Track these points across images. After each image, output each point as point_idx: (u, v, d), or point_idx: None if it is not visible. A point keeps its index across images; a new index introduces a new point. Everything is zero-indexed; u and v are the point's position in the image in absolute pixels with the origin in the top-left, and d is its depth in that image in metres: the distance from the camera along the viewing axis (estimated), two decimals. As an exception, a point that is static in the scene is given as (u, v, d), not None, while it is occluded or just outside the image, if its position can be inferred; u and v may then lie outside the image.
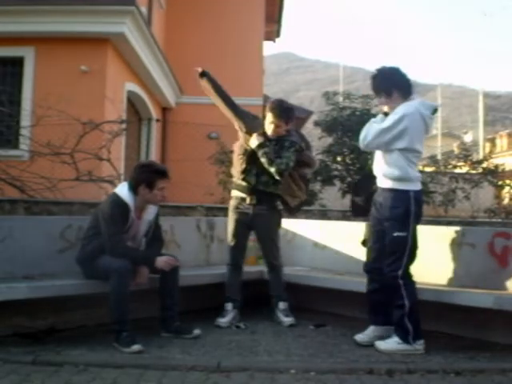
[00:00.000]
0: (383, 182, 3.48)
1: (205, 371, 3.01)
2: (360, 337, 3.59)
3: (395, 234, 3.38)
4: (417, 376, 3.02)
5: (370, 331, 3.60)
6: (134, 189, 3.68)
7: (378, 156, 3.55)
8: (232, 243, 4.23)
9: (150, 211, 3.83)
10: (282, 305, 4.18)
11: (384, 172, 3.45)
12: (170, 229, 4.50)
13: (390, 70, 3.50)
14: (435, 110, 3.45)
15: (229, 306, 4.17)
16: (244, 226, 4.19)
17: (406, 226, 3.37)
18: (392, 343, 3.42)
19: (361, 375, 3.02)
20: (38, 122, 6.49)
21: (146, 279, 3.69)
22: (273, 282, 4.25)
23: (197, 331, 3.77)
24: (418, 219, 3.49)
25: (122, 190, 3.72)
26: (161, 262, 3.64)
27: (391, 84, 3.42)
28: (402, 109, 3.34)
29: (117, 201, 3.65)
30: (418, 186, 3.43)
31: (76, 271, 3.82)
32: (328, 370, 3.09)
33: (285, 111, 4.09)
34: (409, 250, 3.41)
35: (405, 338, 3.37)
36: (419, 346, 3.40)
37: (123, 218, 3.64)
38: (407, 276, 3.46)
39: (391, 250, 3.43)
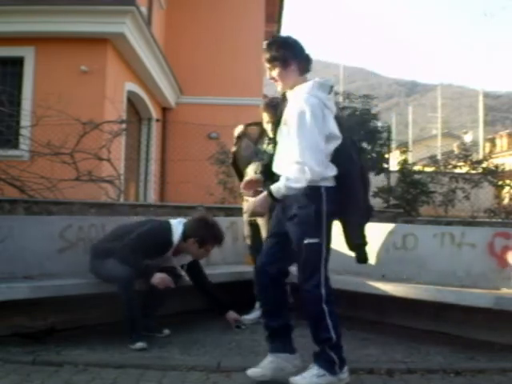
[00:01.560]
0: None
1: (205, 371, 3.01)
2: (254, 371, 2.86)
3: (306, 242, 2.72)
4: (417, 376, 3.02)
5: (267, 362, 2.89)
6: (185, 235, 3.70)
7: (283, 149, 2.87)
8: (248, 244, 4.31)
9: (186, 258, 3.87)
10: None
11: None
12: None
13: (289, 39, 2.95)
14: (331, 88, 2.90)
15: (257, 304, 4.25)
16: (253, 226, 4.22)
17: (318, 230, 2.74)
18: (311, 377, 2.76)
19: (361, 375, 3.02)
20: (37, 122, 6.50)
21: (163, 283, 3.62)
22: None
23: (166, 331, 3.81)
24: (331, 220, 2.83)
25: (178, 228, 3.71)
26: (156, 278, 3.56)
27: (290, 54, 2.86)
28: (304, 106, 2.72)
29: (165, 234, 3.67)
30: (330, 183, 2.79)
31: (76, 271, 3.83)
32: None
33: (276, 106, 4.09)
34: (324, 260, 2.78)
35: (331, 369, 2.76)
36: (344, 374, 2.80)
37: (157, 250, 3.65)
38: (331, 298, 2.78)
39: (305, 261, 2.77)
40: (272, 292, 2.91)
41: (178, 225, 3.74)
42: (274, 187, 2.76)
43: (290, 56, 2.85)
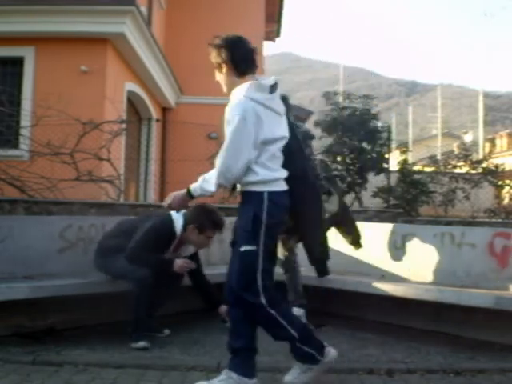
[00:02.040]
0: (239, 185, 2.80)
1: (205, 371, 3.01)
2: None
3: (242, 249, 2.63)
4: (417, 376, 3.02)
5: (216, 380, 2.73)
6: (185, 224, 3.71)
7: None
8: None
9: (189, 249, 3.86)
10: (294, 311, 3.94)
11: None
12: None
13: (223, 41, 2.79)
14: (273, 87, 2.76)
15: None
16: None
17: (255, 237, 2.60)
18: (299, 375, 2.73)
19: (361, 375, 3.02)
20: (38, 122, 6.50)
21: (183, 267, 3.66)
22: (286, 286, 4.11)
23: (167, 331, 3.83)
24: (276, 228, 2.68)
25: (179, 219, 3.72)
26: (177, 266, 3.60)
27: (221, 57, 2.78)
28: (235, 109, 2.64)
29: (168, 226, 3.68)
30: (276, 186, 2.68)
31: (76, 271, 3.83)
32: (328, 369, 3.08)
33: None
34: (261, 268, 2.62)
35: (313, 361, 2.70)
36: (327, 356, 2.73)
37: (163, 245, 3.67)
38: (275, 301, 2.67)
39: (240, 269, 2.65)
40: (237, 310, 2.75)
41: (178, 217, 3.75)
42: (192, 186, 2.78)
43: (222, 59, 2.78)
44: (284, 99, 4.04)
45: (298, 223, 2.84)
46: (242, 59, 2.78)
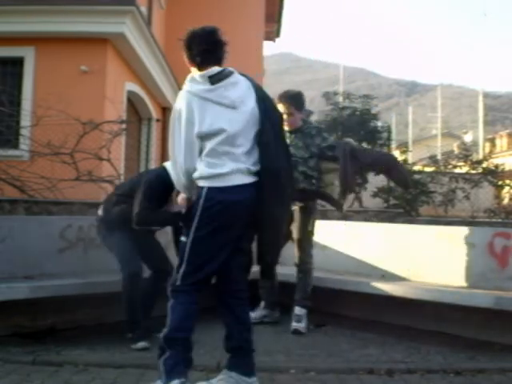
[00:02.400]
0: None
1: (205, 371, 3.01)
2: None
3: (180, 238, 2.73)
4: (417, 376, 3.02)
5: (216, 380, 2.75)
6: None
7: None
8: None
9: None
10: (296, 310, 4.09)
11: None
12: (170, 228, 4.49)
13: (187, 33, 2.78)
14: (216, 77, 2.68)
15: (262, 303, 4.31)
16: None
17: (188, 229, 2.62)
18: None
19: (361, 375, 3.02)
20: (38, 122, 6.50)
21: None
22: (296, 284, 4.15)
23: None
24: (216, 222, 2.55)
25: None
26: (180, 200, 3.22)
27: (189, 51, 2.80)
28: (175, 103, 2.72)
29: (164, 177, 3.43)
30: (219, 182, 2.55)
31: (76, 271, 3.83)
32: (328, 369, 3.09)
33: (292, 97, 4.08)
34: (188, 261, 2.60)
35: (161, 376, 2.62)
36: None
37: (161, 196, 3.51)
38: (183, 294, 2.63)
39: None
40: (227, 312, 2.81)
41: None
42: None
43: (185, 53, 2.81)
44: (296, 96, 4.13)
45: (257, 221, 2.66)
46: (197, 52, 2.76)
